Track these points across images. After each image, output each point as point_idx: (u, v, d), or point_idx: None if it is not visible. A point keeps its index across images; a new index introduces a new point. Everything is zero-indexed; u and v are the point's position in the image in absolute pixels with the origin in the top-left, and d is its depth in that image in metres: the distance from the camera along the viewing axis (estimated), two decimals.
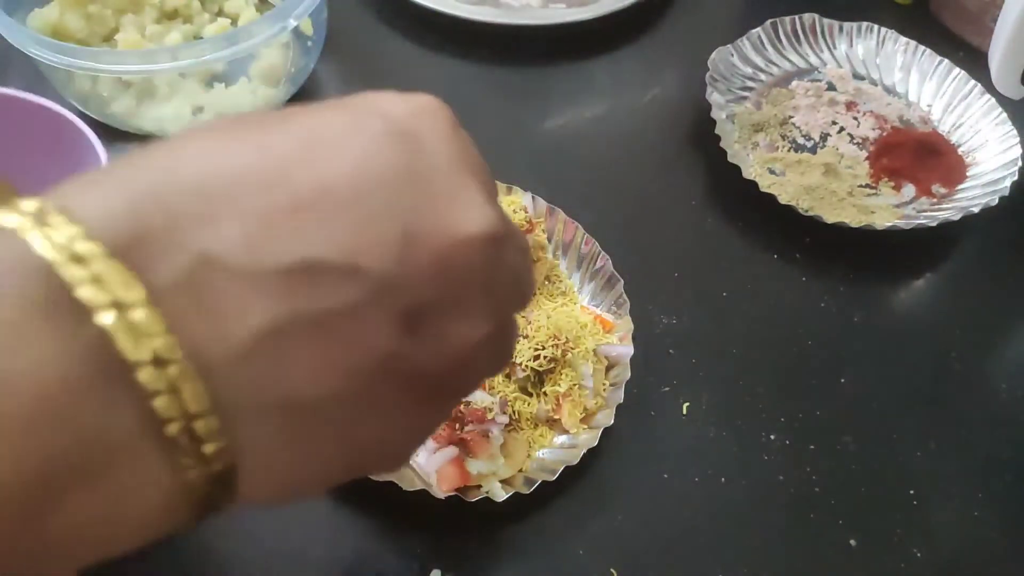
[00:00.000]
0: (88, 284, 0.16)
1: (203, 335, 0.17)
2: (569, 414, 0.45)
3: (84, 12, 0.59)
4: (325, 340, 0.18)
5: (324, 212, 0.19)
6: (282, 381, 0.18)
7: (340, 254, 0.18)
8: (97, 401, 0.16)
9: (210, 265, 0.17)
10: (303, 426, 0.19)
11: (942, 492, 0.47)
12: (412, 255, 0.19)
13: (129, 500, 0.17)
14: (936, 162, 0.61)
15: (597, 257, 0.51)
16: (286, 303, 0.18)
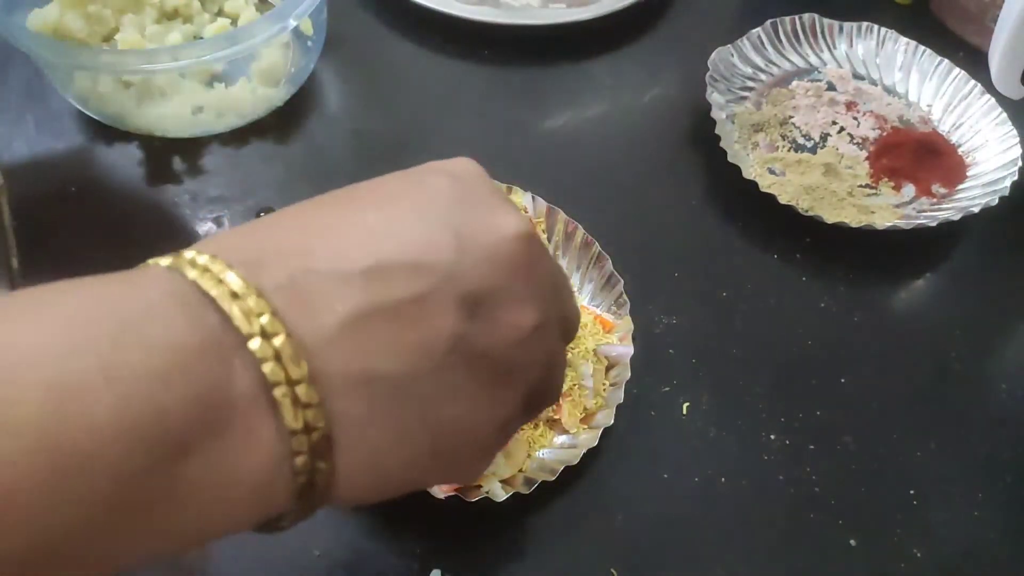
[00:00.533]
0: (213, 283, 0.21)
1: (300, 321, 0.22)
2: (569, 414, 0.45)
3: (84, 12, 0.59)
4: (399, 324, 0.23)
5: (392, 230, 0.24)
6: (366, 358, 0.22)
7: (406, 255, 0.23)
8: (220, 365, 0.21)
9: (306, 272, 0.22)
10: (388, 399, 0.23)
11: (942, 492, 0.47)
12: (465, 251, 0.24)
13: (242, 458, 0.21)
14: (936, 162, 0.61)
15: (597, 257, 0.51)
16: (366, 295, 0.22)
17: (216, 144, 0.59)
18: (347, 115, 0.63)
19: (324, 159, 0.59)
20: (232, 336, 0.21)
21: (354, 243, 0.23)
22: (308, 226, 0.24)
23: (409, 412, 0.23)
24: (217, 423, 0.20)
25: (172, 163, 0.58)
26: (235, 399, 0.21)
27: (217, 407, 0.20)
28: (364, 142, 0.61)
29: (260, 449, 0.21)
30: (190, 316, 0.21)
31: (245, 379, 0.21)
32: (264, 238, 0.24)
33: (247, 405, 0.21)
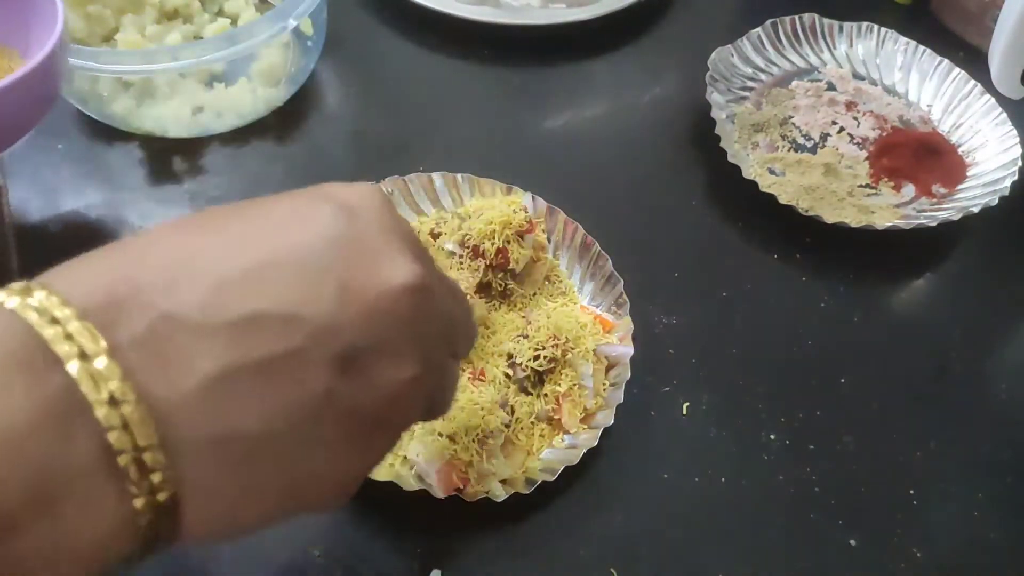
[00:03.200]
0: (62, 340, 0.19)
1: (156, 381, 0.20)
2: (569, 414, 0.45)
3: (84, 12, 0.59)
4: (267, 381, 0.21)
5: (269, 274, 0.22)
6: (227, 419, 0.21)
7: (281, 306, 0.21)
8: (59, 437, 0.19)
9: (168, 323, 0.20)
10: (245, 460, 0.21)
11: (942, 492, 0.47)
12: (346, 304, 0.22)
13: (81, 528, 0.20)
14: (936, 162, 0.61)
15: (597, 257, 0.51)
16: (233, 351, 0.21)
17: (216, 144, 0.59)
18: (347, 115, 0.63)
19: (324, 159, 0.59)
20: (76, 401, 0.19)
21: (225, 284, 0.21)
22: (178, 257, 0.22)
23: (264, 470, 0.22)
24: (51, 499, 0.19)
25: (172, 163, 0.58)
26: (74, 471, 0.19)
27: (52, 483, 0.19)
28: (364, 142, 0.61)
29: (100, 517, 0.20)
30: (31, 382, 0.19)
31: (85, 448, 0.19)
32: (127, 272, 0.21)
33: (87, 475, 0.19)
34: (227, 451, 0.21)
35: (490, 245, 0.48)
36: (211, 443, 0.21)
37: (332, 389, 0.22)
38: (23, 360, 0.19)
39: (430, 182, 0.54)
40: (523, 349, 0.45)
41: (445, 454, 0.41)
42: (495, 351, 0.46)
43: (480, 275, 0.48)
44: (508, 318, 0.48)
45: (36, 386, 0.19)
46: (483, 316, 0.48)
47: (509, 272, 0.49)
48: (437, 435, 0.41)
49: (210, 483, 0.21)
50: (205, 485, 0.21)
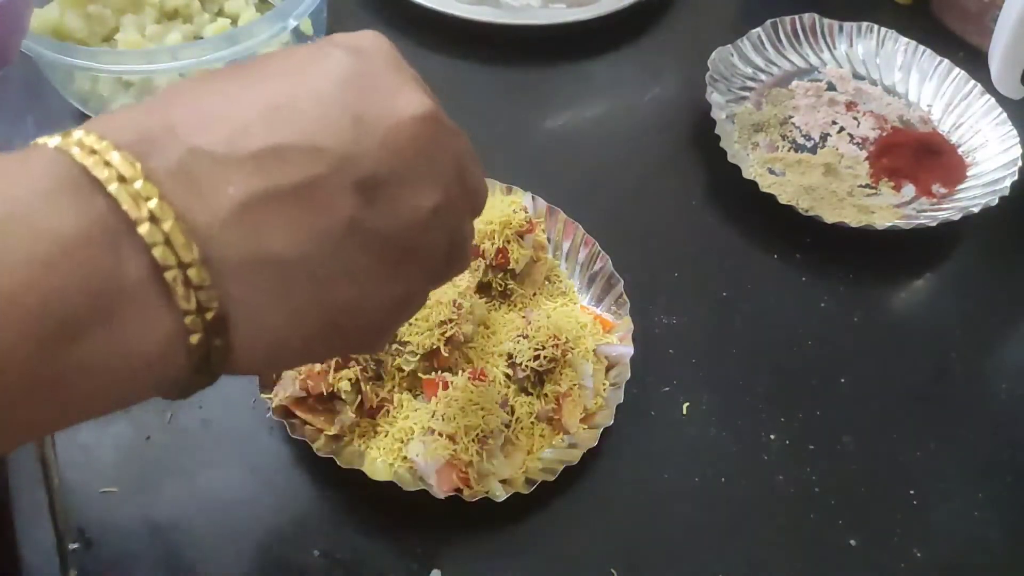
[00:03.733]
0: (101, 166, 0.21)
1: (191, 205, 0.22)
2: (569, 414, 0.45)
3: (84, 12, 0.59)
4: (293, 208, 0.23)
5: (288, 111, 0.23)
6: (260, 242, 0.22)
7: (302, 138, 0.23)
8: (109, 251, 0.21)
9: (197, 155, 0.22)
10: (282, 282, 0.23)
11: (942, 492, 0.47)
12: (363, 135, 0.24)
13: (137, 337, 0.21)
14: (936, 162, 0.61)
15: (597, 257, 0.51)
16: (259, 179, 0.22)
17: None
18: None
19: None
20: (121, 221, 0.21)
21: (249, 123, 0.23)
22: (203, 102, 0.23)
23: (303, 293, 0.23)
24: (106, 309, 0.21)
25: None
26: (125, 284, 0.21)
27: (106, 293, 0.21)
28: None
29: (153, 331, 0.21)
30: (78, 202, 0.21)
31: (135, 264, 0.21)
32: (156, 115, 0.23)
33: (138, 290, 0.21)
34: (264, 273, 0.23)
35: (490, 245, 0.48)
36: (249, 264, 0.22)
37: (356, 215, 0.24)
38: (69, 186, 0.21)
39: None
40: (523, 349, 0.45)
41: (445, 454, 0.41)
42: (495, 351, 0.46)
43: (480, 275, 0.48)
44: (508, 318, 0.48)
45: (83, 207, 0.21)
46: (483, 316, 0.48)
47: (509, 272, 0.49)
48: (437, 435, 0.41)
49: (253, 304, 0.23)
50: (249, 306, 0.23)
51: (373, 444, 0.43)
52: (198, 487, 0.43)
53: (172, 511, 0.42)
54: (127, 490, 0.42)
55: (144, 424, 0.44)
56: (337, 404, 0.43)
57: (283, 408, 0.43)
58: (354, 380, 0.43)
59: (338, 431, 0.43)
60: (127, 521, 0.41)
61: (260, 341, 0.23)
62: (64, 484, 0.42)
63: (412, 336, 0.44)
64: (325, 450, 0.42)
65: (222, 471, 0.43)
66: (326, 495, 0.43)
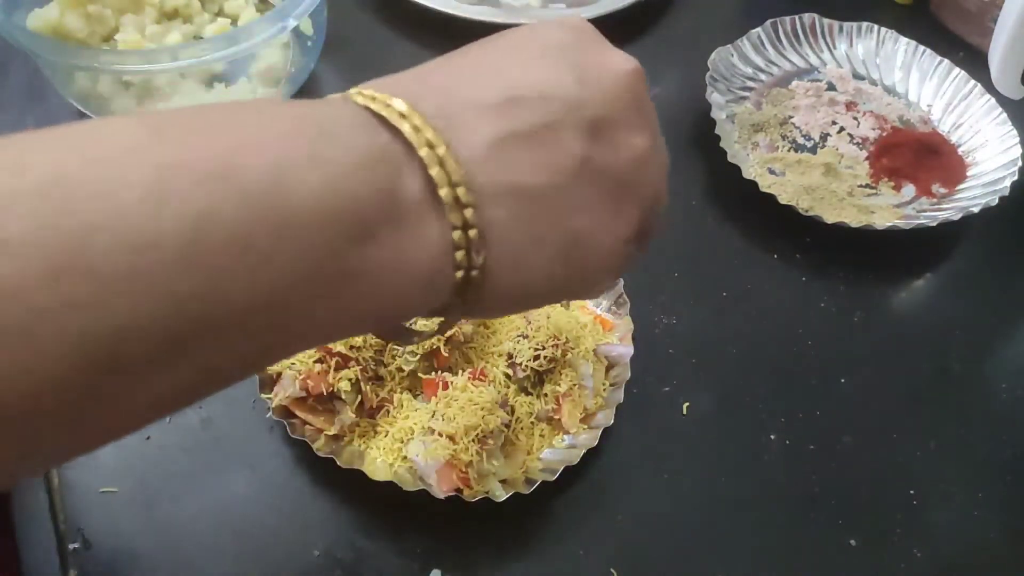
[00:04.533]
0: (384, 107, 0.25)
1: (454, 140, 0.25)
2: (569, 414, 0.45)
3: (84, 12, 0.59)
4: (534, 145, 0.26)
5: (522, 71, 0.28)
6: (509, 172, 0.26)
7: (534, 89, 0.27)
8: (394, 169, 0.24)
9: (452, 104, 0.26)
10: (528, 208, 0.26)
11: (942, 492, 0.47)
12: (585, 84, 0.28)
13: (412, 249, 0.24)
14: (936, 162, 0.61)
15: None
16: (504, 121, 0.26)
17: None
18: None
19: None
20: (401, 149, 0.25)
21: (489, 81, 0.27)
22: (447, 71, 0.28)
23: (545, 219, 0.27)
24: (395, 216, 0.24)
25: None
26: (407, 199, 0.24)
27: (392, 203, 0.24)
28: None
29: (428, 241, 0.25)
30: (368, 131, 0.25)
31: (414, 183, 0.25)
32: (412, 81, 0.27)
33: (417, 204, 0.25)
34: (515, 200, 0.26)
35: None
36: (502, 190, 0.26)
37: (586, 151, 0.27)
38: (360, 121, 0.25)
39: None
40: (523, 349, 0.45)
41: (445, 454, 0.41)
42: (495, 351, 0.46)
43: None
44: (508, 318, 0.48)
45: (372, 136, 0.24)
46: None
47: None
48: (437, 435, 0.41)
49: (506, 225, 0.26)
50: (502, 226, 0.26)
51: (373, 444, 0.43)
52: (198, 487, 0.43)
53: (172, 511, 0.42)
54: (127, 490, 0.42)
55: None
56: (337, 404, 0.43)
57: (283, 408, 0.43)
58: (354, 380, 0.43)
59: (338, 431, 0.43)
60: (127, 521, 0.41)
61: (509, 264, 0.27)
62: (64, 484, 0.42)
63: None
64: (325, 450, 0.42)
65: (222, 471, 0.43)
66: (326, 495, 0.43)
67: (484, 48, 0.29)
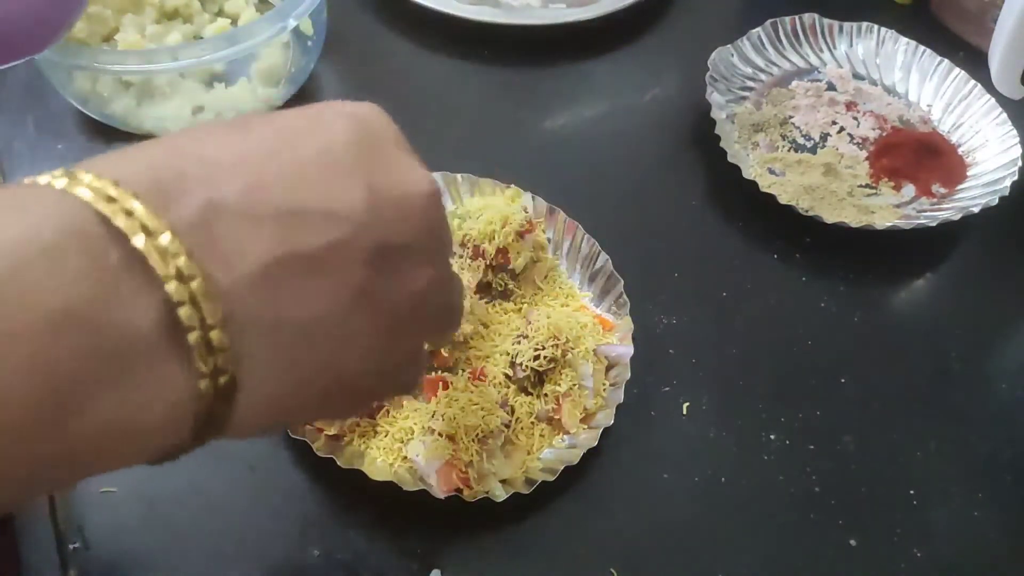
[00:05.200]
0: (121, 215, 0.20)
1: (214, 264, 0.21)
2: (569, 414, 0.45)
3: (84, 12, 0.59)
4: (314, 272, 0.23)
5: (302, 174, 0.23)
6: (278, 304, 0.22)
7: (321, 203, 0.23)
8: (123, 309, 0.19)
9: (216, 210, 0.21)
10: (294, 346, 0.23)
11: (942, 492, 0.47)
12: (378, 205, 0.24)
13: (146, 404, 0.20)
14: (936, 162, 0.61)
15: (597, 257, 0.51)
16: (281, 241, 0.22)
17: None
18: None
19: None
20: (138, 276, 0.20)
21: (264, 180, 0.22)
22: (211, 154, 0.22)
23: (313, 358, 0.23)
24: (116, 373, 0.19)
25: None
26: (137, 345, 0.20)
27: (116, 356, 0.19)
28: None
29: (164, 394, 0.20)
30: (90, 255, 0.19)
31: (149, 322, 0.20)
32: (168, 161, 0.22)
33: (151, 350, 0.20)
34: (281, 335, 0.22)
35: (490, 245, 0.48)
36: (267, 326, 0.22)
37: (366, 281, 0.24)
38: (80, 234, 0.19)
39: None
40: (523, 349, 0.45)
41: (445, 454, 0.41)
42: (495, 351, 0.46)
43: (480, 275, 0.48)
44: (508, 318, 0.48)
45: (97, 259, 0.19)
46: (483, 316, 0.48)
47: (509, 272, 0.49)
48: (437, 435, 0.41)
49: (266, 366, 0.22)
50: (261, 367, 0.22)
51: (373, 444, 0.43)
52: (198, 487, 0.43)
53: (172, 511, 0.42)
54: (127, 490, 0.42)
55: None
56: None
57: None
58: None
59: (338, 431, 0.43)
60: (127, 521, 0.41)
61: (261, 405, 0.23)
62: None
63: None
64: (325, 450, 0.42)
65: (222, 471, 0.43)
66: (326, 495, 0.43)
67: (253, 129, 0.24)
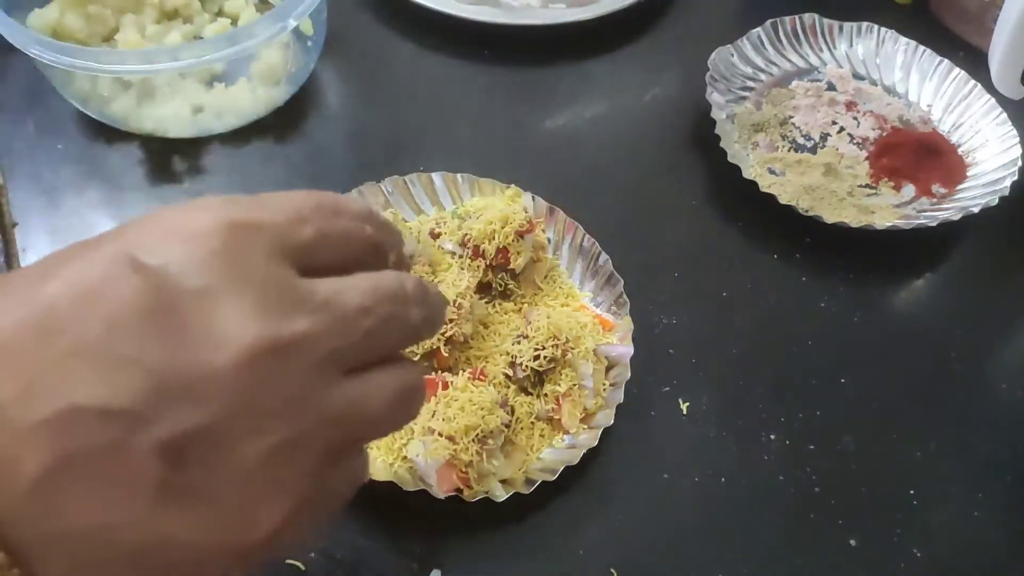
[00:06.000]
0: None
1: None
2: (569, 414, 0.45)
3: (84, 12, 0.59)
4: (94, 475, 0.20)
5: (77, 363, 0.20)
6: (62, 516, 0.20)
7: (93, 399, 0.20)
8: None
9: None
10: (89, 553, 0.21)
11: (942, 492, 0.47)
12: (162, 391, 0.21)
13: None
14: (936, 162, 0.61)
15: (597, 257, 0.51)
16: (55, 448, 0.20)
17: (216, 144, 0.59)
18: (347, 115, 0.63)
19: (324, 159, 0.59)
20: None
21: (36, 378, 0.20)
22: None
23: (118, 560, 0.21)
24: None
25: (172, 163, 0.58)
26: None
27: None
28: (364, 142, 0.61)
29: None
30: None
31: None
32: None
33: None
34: (72, 545, 0.21)
35: (490, 245, 0.48)
36: (54, 539, 0.20)
37: (166, 478, 0.21)
38: None
39: (430, 182, 0.54)
40: (523, 349, 0.45)
41: (445, 454, 0.41)
42: (495, 351, 0.46)
43: (480, 275, 0.48)
44: (508, 318, 0.48)
45: None
46: (483, 316, 0.48)
47: (509, 272, 0.49)
48: (437, 435, 0.41)
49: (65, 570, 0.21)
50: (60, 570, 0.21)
51: (373, 444, 0.43)
52: None
53: None
54: None
55: None
56: None
57: None
58: None
59: None
60: None
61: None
62: None
63: None
64: None
65: None
66: None
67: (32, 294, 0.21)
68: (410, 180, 0.53)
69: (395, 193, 0.53)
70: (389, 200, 0.53)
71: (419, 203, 0.54)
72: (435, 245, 0.50)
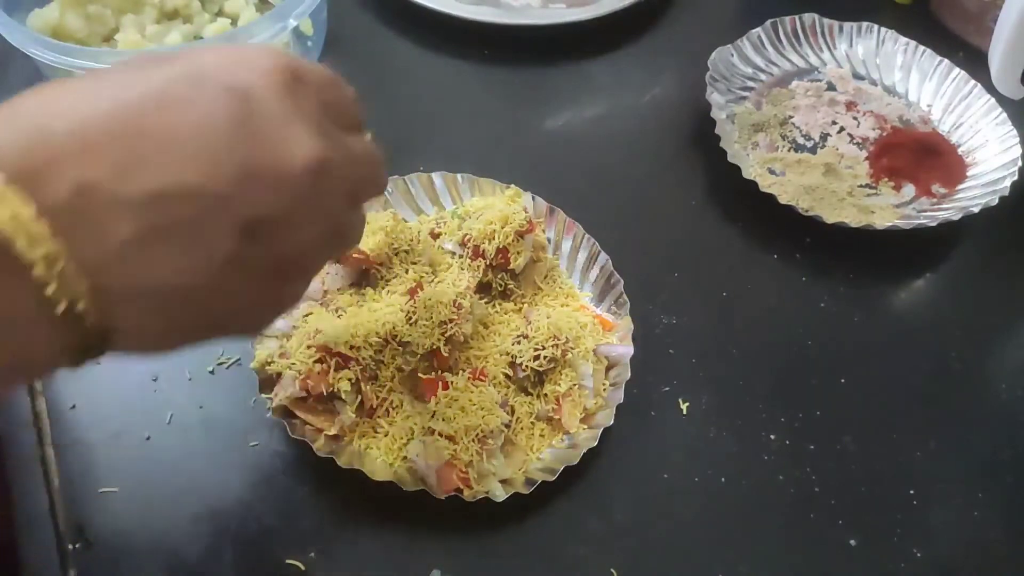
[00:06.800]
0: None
1: (82, 241, 0.23)
2: (569, 414, 0.45)
3: (84, 12, 0.59)
4: (177, 245, 0.24)
5: (175, 152, 0.24)
6: (145, 274, 0.24)
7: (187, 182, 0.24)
8: None
9: (85, 192, 0.23)
10: (168, 306, 0.25)
11: (942, 492, 0.47)
12: (249, 180, 0.25)
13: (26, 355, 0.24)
14: (936, 162, 0.61)
15: (597, 257, 0.51)
16: (146, 219, 0.24)
17: None
18: None
19: None
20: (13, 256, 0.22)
21: (133, 159, 0.24)
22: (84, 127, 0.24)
23: (187, 311, 0.26)
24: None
25: None
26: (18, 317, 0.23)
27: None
28: None
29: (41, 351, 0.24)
30: None
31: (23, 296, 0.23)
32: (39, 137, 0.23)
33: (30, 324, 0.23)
34: (149, 301, 0.25)
35: (490, 245, 0.48)
36: (134, 294, 0.24)
37: (237, 251, 0.25)
38: None
39: (430, 182, 0.54)
40: (523, 349, 0.45)
41: (445, 454, 0.41)
42: (495, 351, 0.46)
43: (480, 275, 0.48)
44: (508, 318, 0.48)
45: None
46: (483, 316, 0.48)
47: (509, 272, 0.49)
48: (437, 435, 0.41)
49: (137, 325, 0.25)
50: (133, 326, 0.25)
51: (373, 444, 0.43)
52: (198, 487, 0.43)
53: (172, 511, 0.42)
54: (127, 490, 0.42)
55: (144, 424, 0.44)
56: (337, 404, 0.43)
57: (283, 408, 0.43)
58: (354, 380, 0.43)
59: (338, 431, 0.43)
60: (127, 521, 0.41)
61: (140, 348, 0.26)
62: (64, 484, 0.42)
63: (412, 336, 0.44)
64: (325, 450, 0.42)
65: (222, 471, 0.43)
66: (326, 495, 0.43)
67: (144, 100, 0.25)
68: (410, 180, 0.53)
69: (395, 193, 0.53)
70: (389, 200, 0.53)
71: (419, 203, 0.54)
72: (435, 245, 0.50)
